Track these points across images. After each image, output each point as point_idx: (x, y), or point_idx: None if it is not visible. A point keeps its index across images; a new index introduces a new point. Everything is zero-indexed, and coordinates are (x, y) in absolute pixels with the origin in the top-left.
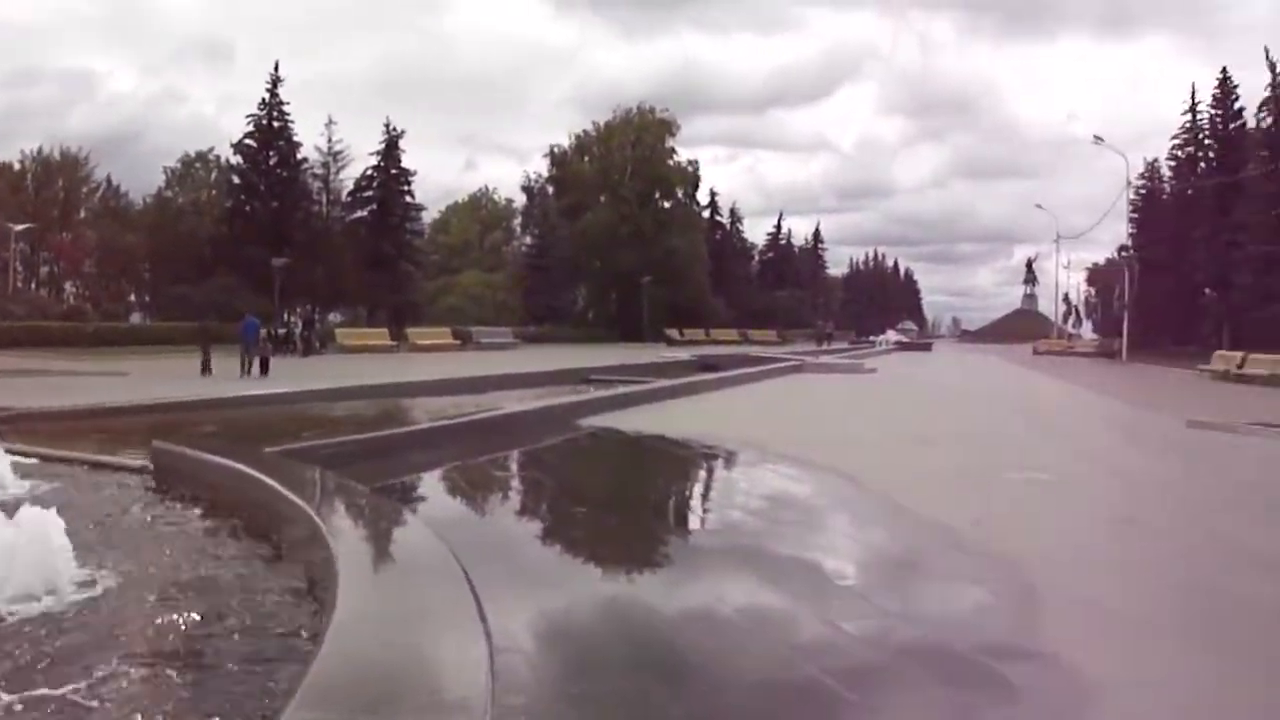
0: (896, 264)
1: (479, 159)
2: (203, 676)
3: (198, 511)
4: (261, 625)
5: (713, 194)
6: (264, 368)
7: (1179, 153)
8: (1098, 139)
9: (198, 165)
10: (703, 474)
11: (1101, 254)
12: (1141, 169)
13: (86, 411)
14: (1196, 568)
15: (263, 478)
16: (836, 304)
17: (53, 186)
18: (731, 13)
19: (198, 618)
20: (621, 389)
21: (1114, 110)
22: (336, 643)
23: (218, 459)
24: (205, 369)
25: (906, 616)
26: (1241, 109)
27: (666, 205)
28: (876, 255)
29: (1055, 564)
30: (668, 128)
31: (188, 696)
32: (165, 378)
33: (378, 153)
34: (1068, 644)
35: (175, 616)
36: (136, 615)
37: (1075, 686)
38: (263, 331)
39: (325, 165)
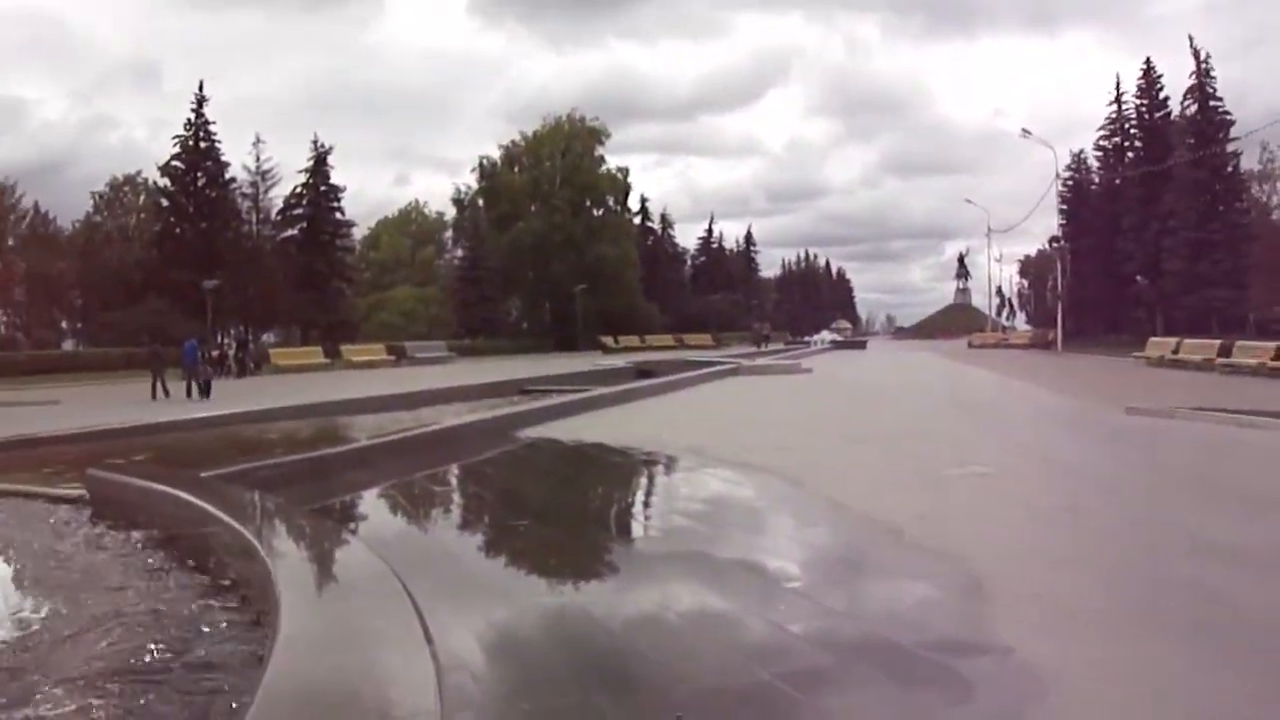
0: (829, 263)
1: (410, 173)
2: (148, 705)
3: (135, 539)
4: (202, 652)
5: (644, 200)
6: (205, 390)
7: (1105, 143)
8: (1025, 132)
9: (126, 189)
10: (644, 481)
11: (1033, 246)
12: (1069, 161)
13: (16, 442)
14: (1143, 555)
15: (200, 503)
16: (770, 305)
17: None
18: (659, 20)
19: (138, 647)
20: (558, 399)
21: (1040, 105)
22: (281, 668)
23: (154, 485)
24: (160, 393)
25: (855, 616)
26: (1166, 98)
27: (597, 213)
28: (808, 255)
29: (1001, 557)
30: (597, 136)
31: None
32: (102, 404)
33: (306, 170)
34: (1020, 637)
35: (115, 646)
36: (75, 646)
37: (1031, 679)
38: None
39: (254, 184)
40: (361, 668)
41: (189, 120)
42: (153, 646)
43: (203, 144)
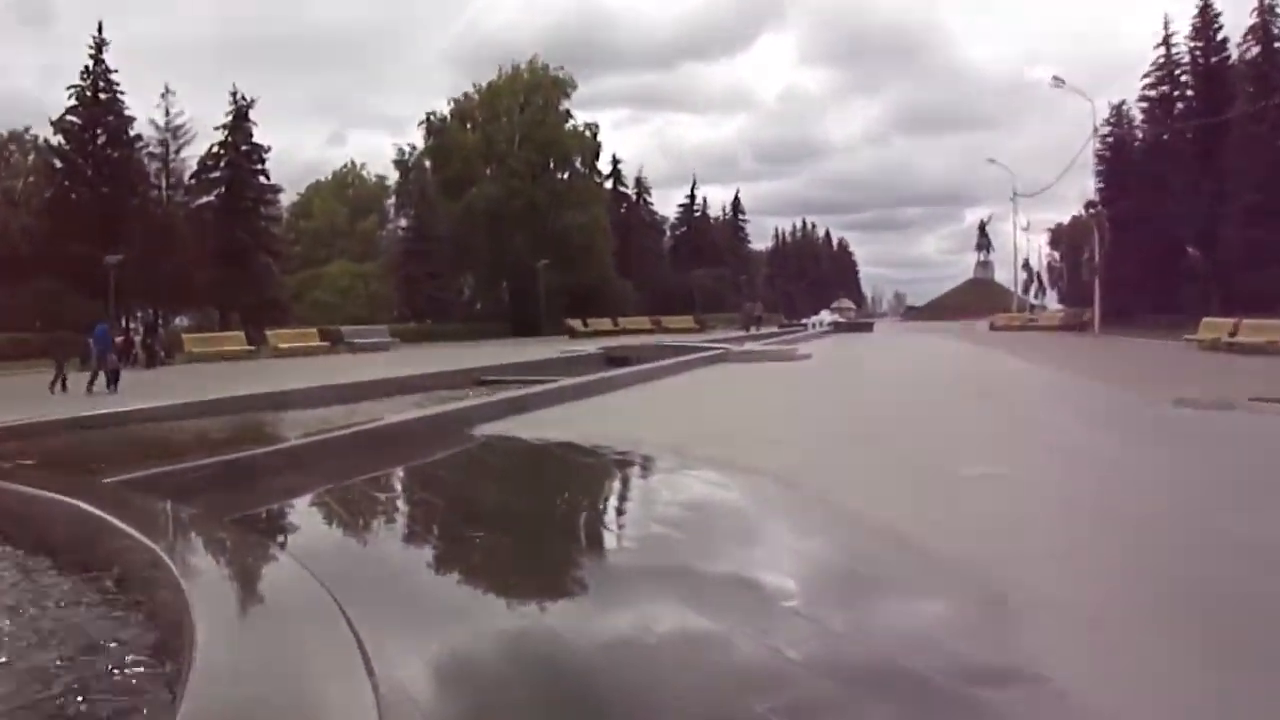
0: (829, 234)
1: (346, 131)
2: None
3: (27, 557)
4: (107, 689)
5: (615, 162)
6: (111, 381)
7: (1151, 93)
8: (1058, 81)
9: (13, 148)
10: (617, 485)
11: (1066, 213)
12: (1108, 114)
13: None
14: (1188, 569)
15: (103, 514)
16: (761, 282)
17: None
18: None
19: (33, 681)
20: (519, 391)
21: (1075, 49)
22: (196, 704)
23: (47, 494)
24: (59, 384)
25: (861, 638)
26: (1225, 39)
27: (562, 176)
28: (805, 225)
29: (1026, 570)
30: (562, 88)
31: None
32: None
33: (224, 127)
34: (1050, 661)
35: (8, 680)
36: None
37: (1066, 709)
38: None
39: (163, 143)
40: (289, 703)
41: (86, 68)
42: (48, 682)
43: (102, 96)
